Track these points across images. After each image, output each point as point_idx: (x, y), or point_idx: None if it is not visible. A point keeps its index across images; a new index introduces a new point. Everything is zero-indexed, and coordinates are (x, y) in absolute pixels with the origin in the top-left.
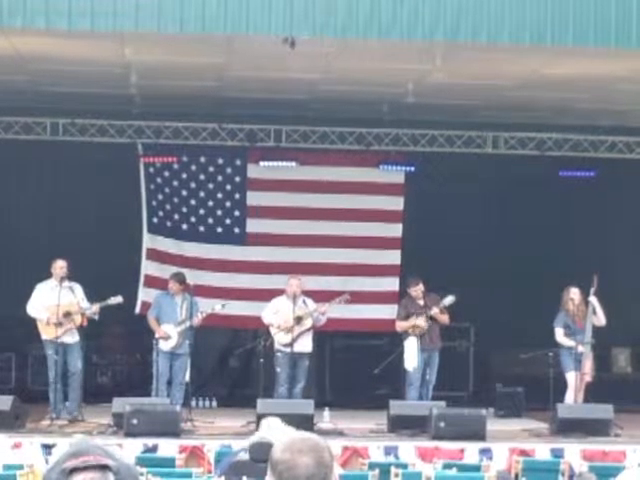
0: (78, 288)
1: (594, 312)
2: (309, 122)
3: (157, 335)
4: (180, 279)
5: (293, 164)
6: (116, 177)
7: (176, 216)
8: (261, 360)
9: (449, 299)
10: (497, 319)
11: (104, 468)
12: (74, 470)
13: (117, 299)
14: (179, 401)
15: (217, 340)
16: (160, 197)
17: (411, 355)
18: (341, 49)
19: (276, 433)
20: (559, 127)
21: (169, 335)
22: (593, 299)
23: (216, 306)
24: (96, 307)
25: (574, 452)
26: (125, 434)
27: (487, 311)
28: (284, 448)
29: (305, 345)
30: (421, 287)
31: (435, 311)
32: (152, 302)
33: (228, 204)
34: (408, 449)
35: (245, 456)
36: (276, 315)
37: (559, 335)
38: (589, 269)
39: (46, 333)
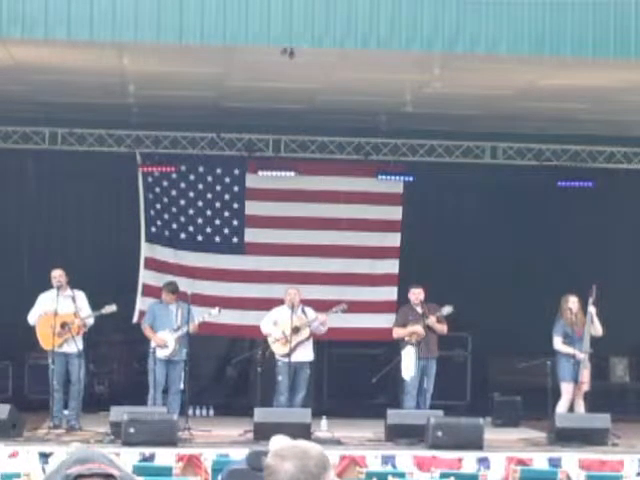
0: (80, 296)
1: (592, 322)
2: (308, 132)
3: (153, 343)
4: (172, 289)
5: (292, 174)
6: (114, 186)
7: (174, 225)
8: (259, 369)
9: (447, 309)
10: (495, 328)
11: (109, 477)
12: (79, 477)
13: (111, 308)
14: (176, 409)
15: (215, 349)
16: (158, 206)
17: (408, 364)
18: (340, 59)
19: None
20: (557, 137)
21: (166, 342)
22: (592, 309)
23: (212, 312)
24: (90, 318)
25: (572, 461)
26: (122, 443)
27: (485, 320)
28: (272, 454)
29: (306, 354)
30: (421, 292)
31: (432, 320)
32: (146, 310)
33: (226, 213)
34: (405, 458)
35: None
36: (275, 325)
37: (557, 343)
38: (587, 279)
39: (45, 343)
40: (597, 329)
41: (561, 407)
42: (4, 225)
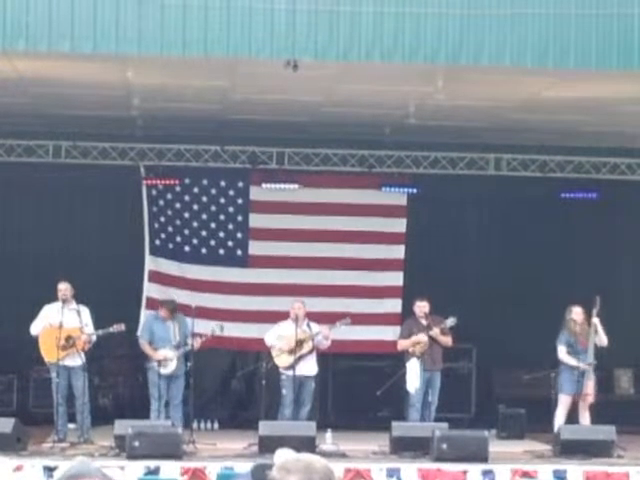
0: (85, 311)
1: (596, 332)
2: (311, 144)
3: (155, 359)
4: (171, 307)
5: (295, 186)
6: (118, 199)
7: (178, 238)
8: (263, 382)
9: (451, 320)
10: (499, 340)
11: None
12: None
13: (120, 327)
14: (179, 422)
15: (219, 362)
16: (162, 219)
17: (413, 376)
18: (343, 72)
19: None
20: (561, 149)
21: (169, 359)
22: (596, 320)
23: (215, 328)
24: (94, 335)
25: (577, 473)
26: (127, 456)
27: (489, 332)
28: (277, 468)
29: (310, 368)
30: (426, 305)
31: (436, 332)
32: (143, 325)
33: (230, 226)
34: (410, 471)
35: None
36: (279, 338)
37: (562, 353)
38: (591, 290)
39: (48, 356)
40: (602, 339)
41: (559, 419)
42: (8, 238)
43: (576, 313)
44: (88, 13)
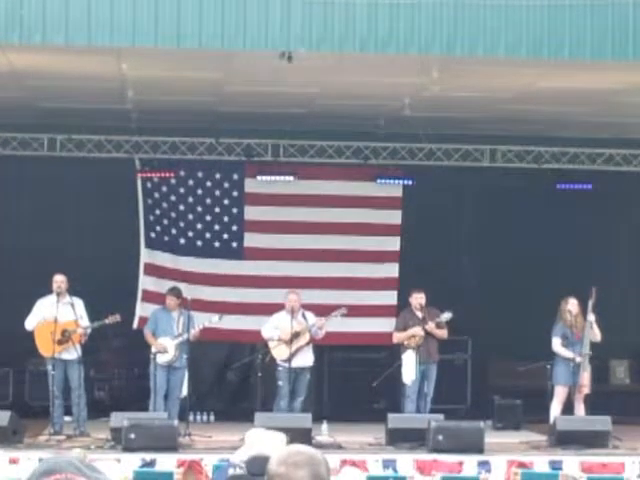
0: (79, 304)
1: (591, 328)
2: (306, 136)
3: (154, 348)
4: (177, 294)
5: (290, 178)
6: (113, 192)
7: (174, 231)
8: (259, 374)
9: (446, 315)
10: (495, 331)
11: None
12: None
13: (115, 318)
14: (175, 415)
15: (215, 354)
16: (157, 212)
17: (409, 368)
18: (338, 63)
19: (265, 444)
20: (556, 140)
21: (166, 348)
22: (591, 317)
23: (213, 318)
24: (90, 328)
25: (573, 464)
26: (123, 449)
27: (485, 323)
28: (280, 462)
29: (306, 359)
30: (422, 297)
31: (431, 325)
32: (149, 317)
33: (226, 219)
34: (407, 462)
35: (241, 470)
36: (276, 330)
37: (556, 345)
38: (587, 282)
39: (44, 350)
40: (596, 335)
41: (554, 410)
42: (3, 232)
43: (572, 304)
44: (82, 5)
